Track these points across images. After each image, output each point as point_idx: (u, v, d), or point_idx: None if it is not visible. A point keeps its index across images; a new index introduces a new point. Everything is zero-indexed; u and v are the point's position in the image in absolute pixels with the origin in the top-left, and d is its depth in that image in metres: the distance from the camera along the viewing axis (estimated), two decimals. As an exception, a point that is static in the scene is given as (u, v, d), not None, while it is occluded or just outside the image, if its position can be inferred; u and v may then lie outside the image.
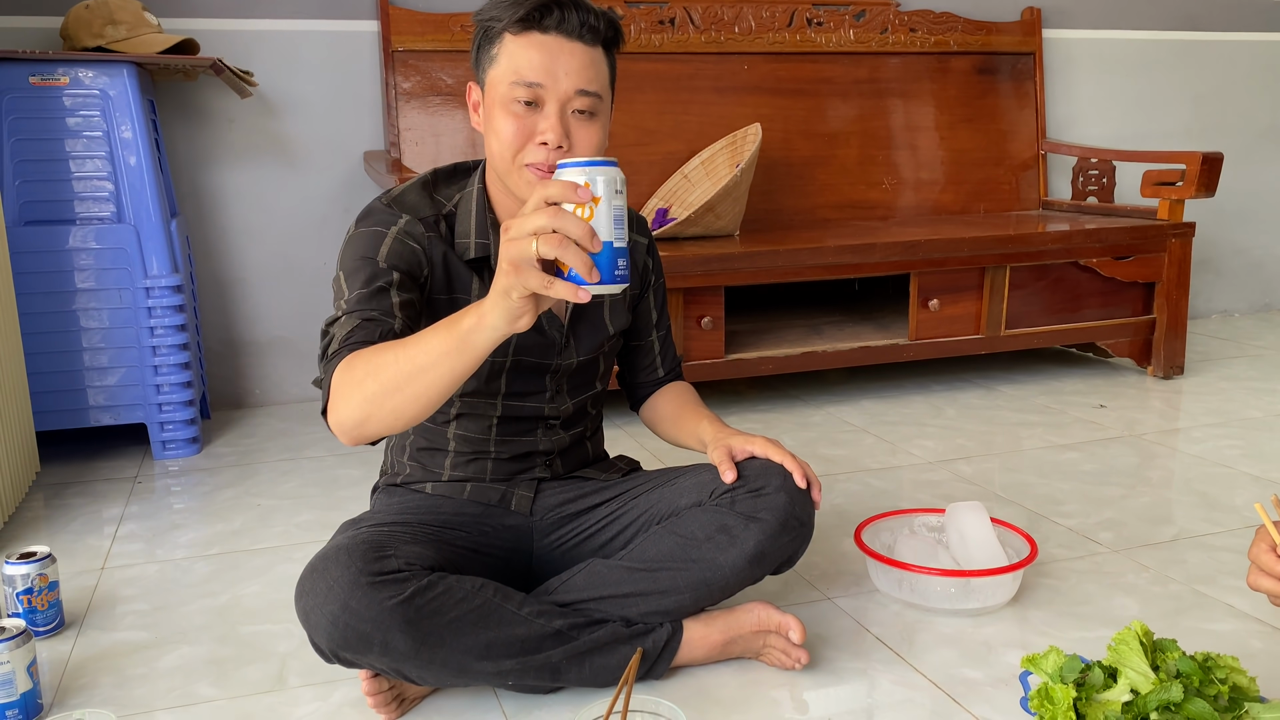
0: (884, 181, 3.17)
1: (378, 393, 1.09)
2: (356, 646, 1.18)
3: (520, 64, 1.23)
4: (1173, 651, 1.13)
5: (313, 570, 1.20)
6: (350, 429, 1.14)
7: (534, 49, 1.23)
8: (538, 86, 1.22)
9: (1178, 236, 2.84)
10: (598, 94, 1.26)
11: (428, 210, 1.33)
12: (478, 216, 1.33)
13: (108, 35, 2.27)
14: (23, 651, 1.28)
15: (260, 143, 2.74)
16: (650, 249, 1.53)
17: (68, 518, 2.02)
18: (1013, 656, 1.41)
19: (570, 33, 1.23)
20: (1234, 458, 2.24)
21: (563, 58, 1.23)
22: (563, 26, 1.23)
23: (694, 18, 2.97)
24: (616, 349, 1.52)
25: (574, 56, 1.23)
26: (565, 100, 1.23)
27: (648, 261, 1.53)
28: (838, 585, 1.65)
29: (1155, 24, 3.54)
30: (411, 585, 1.18)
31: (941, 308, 2.69)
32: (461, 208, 1.35)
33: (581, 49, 1.24)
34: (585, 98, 1.24)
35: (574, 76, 1.23)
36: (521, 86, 1.22)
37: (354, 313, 1.21)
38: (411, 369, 1.07)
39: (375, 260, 1.26)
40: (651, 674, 1.34)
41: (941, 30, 3.20)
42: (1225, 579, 1.65)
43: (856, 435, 2.45)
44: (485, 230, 1.33)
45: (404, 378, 1.08)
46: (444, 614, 1.20)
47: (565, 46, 1.23)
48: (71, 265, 2.25)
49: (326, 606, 1.17)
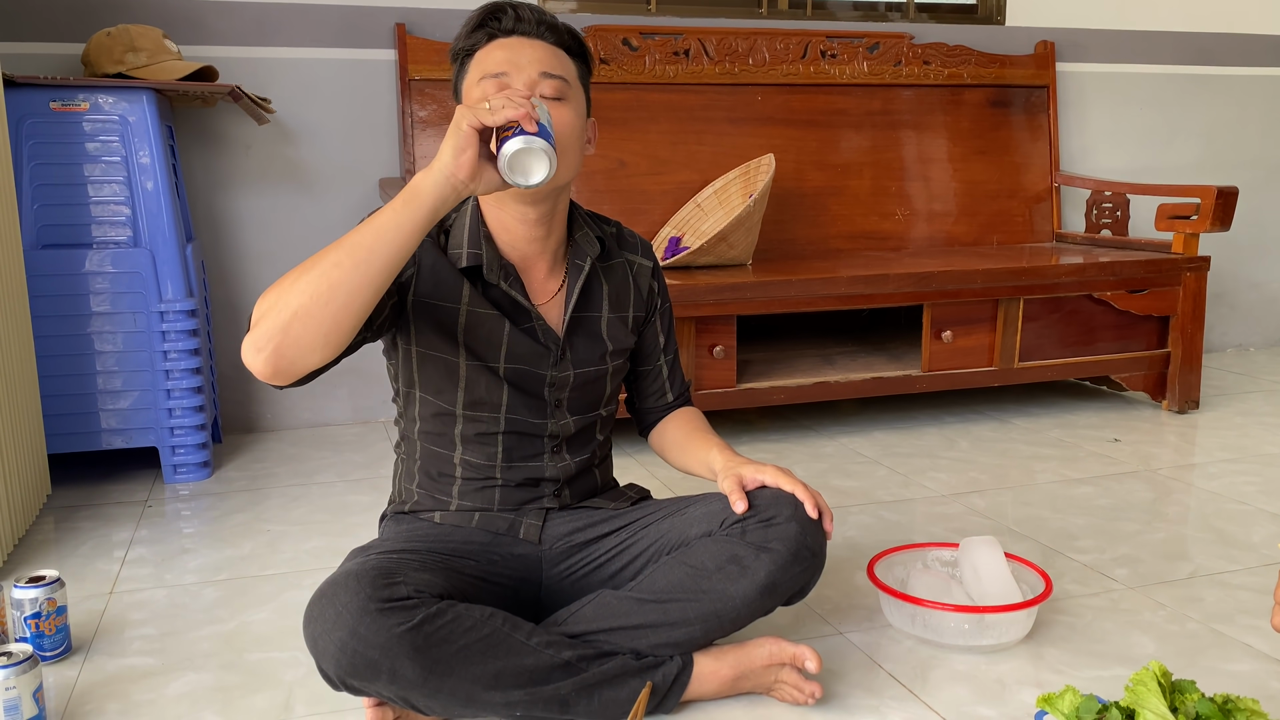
0: (897, 212, 3.18)
1: (307, 287, 1.08)
2: (364, 673, 1.17)
3: (486, 65, 1.29)
4: (1192, 693, 1.11)
5: (321, 596, 1.19)
6: (269, 342, 1.09)
7: (496, 50, 1.30)
8: (502, 75, 1.28)
9: (1192, 270, 2.83)
10: (563, 78, 1.30)
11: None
12: (470, 229, 1.36)
13: (128, 62, 2.30)
14: (29, 677, 1.28)
15: (277, 169, 2.76)
16: (655, 273, 1.54)
17: (77, 541, 2.02)
18: (1027, 695, 1.39)
19: (528, 31, 1.30)
20: (1251, 494, 2.21)
21: (524, 50, 1.29)
22: (520, 26, 1.30)
23: (708, 49, 2.98)
24: (622, 372, 1.51)
25: (535, 49, 1.30)
26: (531, 83, 1.28)
27: (653, 285, 1.53)
28: (850, 620, 1.63)
29: (1169, 58, 3.54)
30: (420, 612, 1.18)
31: (955, 339, 2.68)
32: (458, 222, 1.38)
33: (541, 44, 1.31)
34: (551, 80, 1.29)
35: (536, 64, 1.28)
36: (489, 80, 1.28)
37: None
38: (356, 249, 1.09)
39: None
40: (661, 708, 1.33)
41: (955, 63, 3.21)
42: (1243, 618, 1.63)
43: (869, 467, 2.43)
44: (478, 241, 1.35)
45: (350, 260, 1.09)
46: (453, 642, 1.19)
47: (525, 43, 1.30)
48: (87, 289, 2.26)
49: (335, 633, 1.16)
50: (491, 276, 1.35)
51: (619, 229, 1.53)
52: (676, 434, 1.55)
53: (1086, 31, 3.42)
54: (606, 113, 2.90)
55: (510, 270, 1.37)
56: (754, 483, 1.38)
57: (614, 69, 2.91)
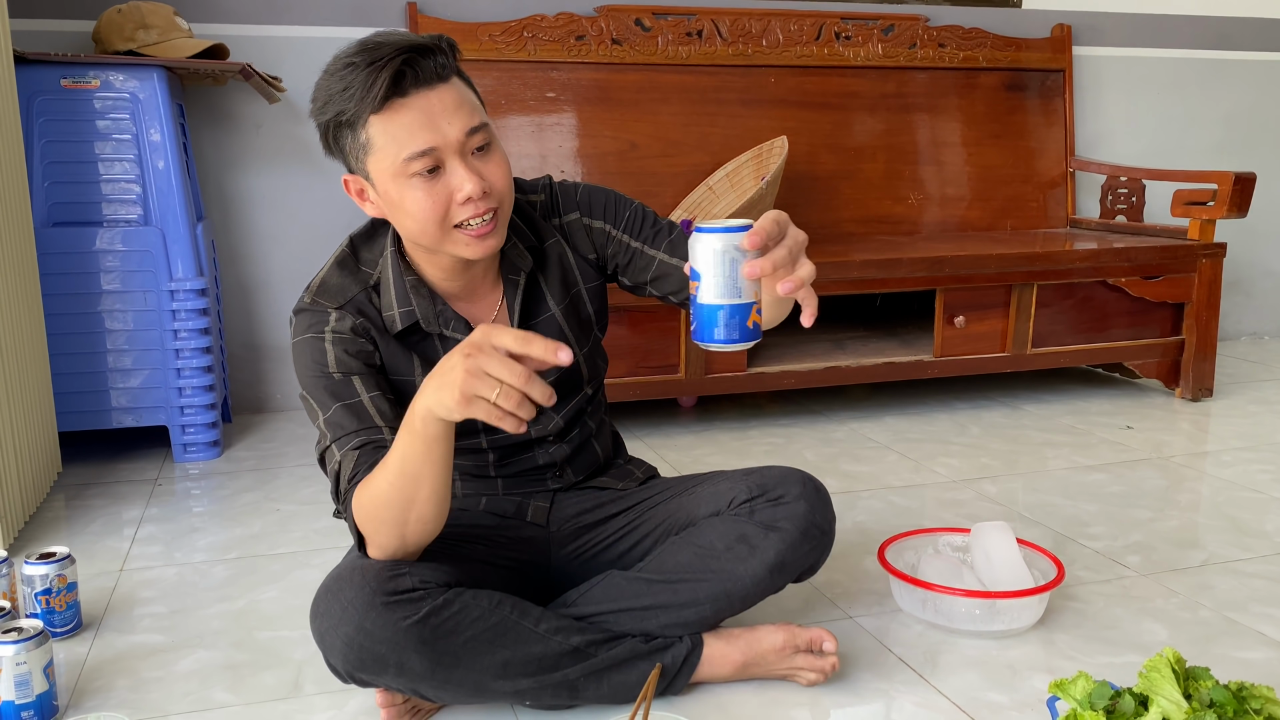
0: (910, 197, 3.15)
1: (396, 517, 1.15)
2: (372, 667, 1.17)
3: (401, 138, 1.14)
4: (1206, 680, 1.10)
5: (327, 591, 1.19)
6: (397, 554, 1.20)
7: (404, 116, 1.14)
8: (432, 152, 1.15)
9: (1208, 257, 2.81)
10: (484, 123, 1.19)
11: (353, 289, 1.27)
12: (396, 284, 1.27)
13: (139, 39, 2.29)
14: (40, 652, 1.28)
15: (287, 148, 2.75)
16: (589, 212, 1.37)
17: (88, 519, 2.02)
18: (1038, 681, 1.39)
19: (428, 82, 1.15)
20: (1264, 482, 2.20)
21: (436, 109, 1.15)
22: (419, 82, 1.14)
23: (721, 30, 2.96)
24: (597, 349, 1.44)
25: (444, 101, 1.15)
26: (461, 148, 1.16)
27: (591, 226, 1.37)
28: (860, 604, 1.63)
29: (1187, 43, 3.51)
30: (426, 605, 1.17)
31: (967, 325, 2.66)
32: (383, 277, 1.29)
33: (444, 89, 1.16)
34: (476, 134, 1.17)
35: (457, 122, 1.16)
36: (416, 159, 1.14)
37: (340, 441, 1.21)
38: (404, 484, 1.12)
39: (329, 373, 1.24)
40: (670, 689, 1.33)
41: (970, 46, 3.18)
42: (1256, 606, 1.61)
43: (879, 452, 2.42)
44: (406, 297, 1.27)
45: (406, 496, 1.13)
46: (460, 633, 1.19)
47: (431, 98, 1.15)
48: (98, 267, 2.26)
49: (341, 628, 1.16)
50: (431, 328, 1.28)
51: (549, 192, 1.38)
52: None
53: (1103, 15, 3.38)
54: (618, 94, 2.88)
55: (447, 313, 1.29)
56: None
57: (626, 49, 2.88)
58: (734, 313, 0.98)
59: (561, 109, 2.86)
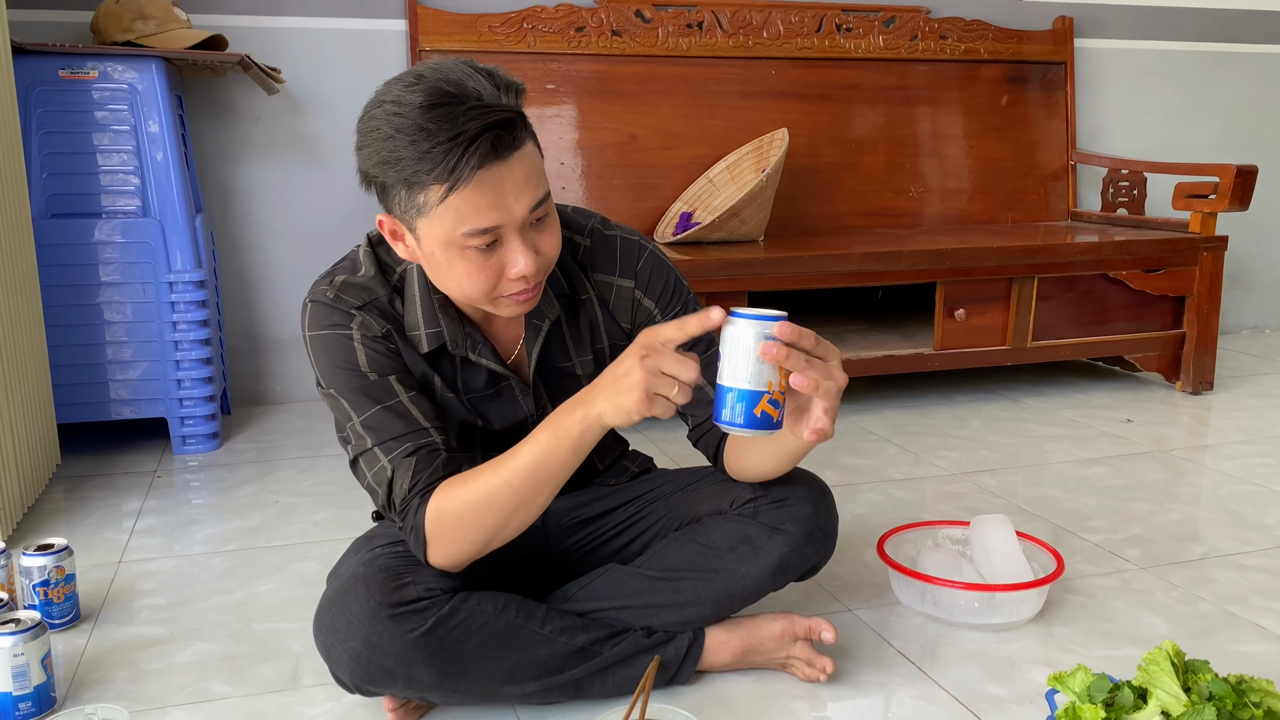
0: (911, 189, 3.14)
1: (496, 523, 1.15)
2: (380, 680, 1.17)
3: (465, 213, 1.06)
4: (1205, 673, 1.10)
5: (330, 604, 1.18)
6: (466, 561, 1.19)
7: (474, 194, 1.06)
8: (495, 230, 1.08)
9: (1209, 250, 2.80)
10: (547, 193, 1.12)
11: (376, 290, 1.23)
12: (424, 303, 1.22)
13: (137, 30, 2.28)
14: (37, 644, 1.28)
15: (286, 140, 2.74)
16: (644, 286, 1.32)
17: (86, 510, 2.02)
18: (1037, 674, 1.39)
19: (503, 154, 1.06)
20: (1265, 476, 2.19)
21: (507, 185, 1.07)
22: (494, 155, 1.05)
23: (722, 22, 2.95)
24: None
25: (515, 176, 1.07)
26: (524, 224, 1.10)
27: (638, 300, 1.32)
28: (859, 597, 1.62)
29: (1189, 35, 3.49)
30: (433, 615, 1.16)
31: (968, 318, 2.66)
32: (408, 288, 1.23)
33: (517, 162, 1.07)
34: (539, 207, 1.11)
35: (524, 198, 1.08)
36: (476, 235, 1.08)
37: (387, 446, 1.17)
38: (528, 488, 1.13)
39: (362, 373, 1.19)
40: (676, 680, 1.33)
41: (972, 38, 3.17)
42: (1256, 599, 1.61)
43: (879, 445, 2.42)
44: (434, 317, 1.22)
45: (523, 499, 1.13)
46: (467, 641, 1.18)
47: (504, 173, 1.06)
48: (96, 258, 2.25)
49: (348, 643, 1.15)
50: (458, 351, 1.25)
51: (597, 238, 1.30)
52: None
53: (1105, 7, 3.37)
54: (618, 85, 2.87)
55: (475, 336, 1.25)
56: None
57: (626, 41, 2.88)
58: (741, 397, 1.02)
59: (561, 101, 2.85)
